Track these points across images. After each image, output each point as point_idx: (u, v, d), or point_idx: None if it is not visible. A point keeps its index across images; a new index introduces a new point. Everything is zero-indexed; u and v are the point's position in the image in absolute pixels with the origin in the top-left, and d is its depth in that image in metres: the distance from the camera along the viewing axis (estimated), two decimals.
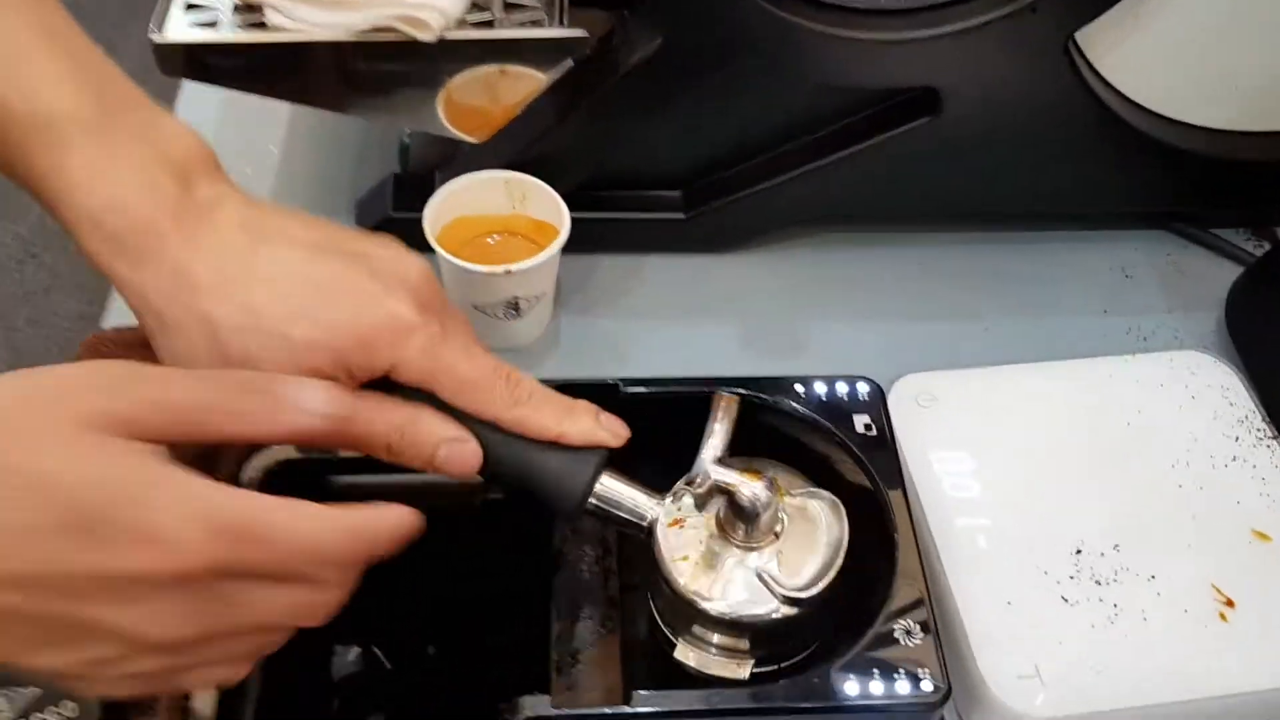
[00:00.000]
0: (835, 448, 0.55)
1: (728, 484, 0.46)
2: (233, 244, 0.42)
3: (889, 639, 0.47)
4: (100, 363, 0.37)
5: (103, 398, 0.36)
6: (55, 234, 1.78)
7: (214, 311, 0.41)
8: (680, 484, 0.49)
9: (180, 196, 0.42)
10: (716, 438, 0.48)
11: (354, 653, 0.79)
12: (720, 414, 0.49)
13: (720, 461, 0.47)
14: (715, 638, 0.49)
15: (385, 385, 0.44)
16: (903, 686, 0.46)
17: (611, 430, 0.47)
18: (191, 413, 0.38)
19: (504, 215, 0.66)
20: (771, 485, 0.46)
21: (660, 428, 0.56)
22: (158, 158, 0.42)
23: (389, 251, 0.45)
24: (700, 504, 0.48)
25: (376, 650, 0.78)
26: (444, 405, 0.44)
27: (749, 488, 0.46)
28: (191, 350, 0.42)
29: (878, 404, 0.55)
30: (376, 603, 0.67)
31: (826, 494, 0.49)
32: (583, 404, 0.47)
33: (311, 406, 0.40)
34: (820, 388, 0.56)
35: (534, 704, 0.45)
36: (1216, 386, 0.64)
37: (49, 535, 0.34)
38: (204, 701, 0.50)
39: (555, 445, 0.45)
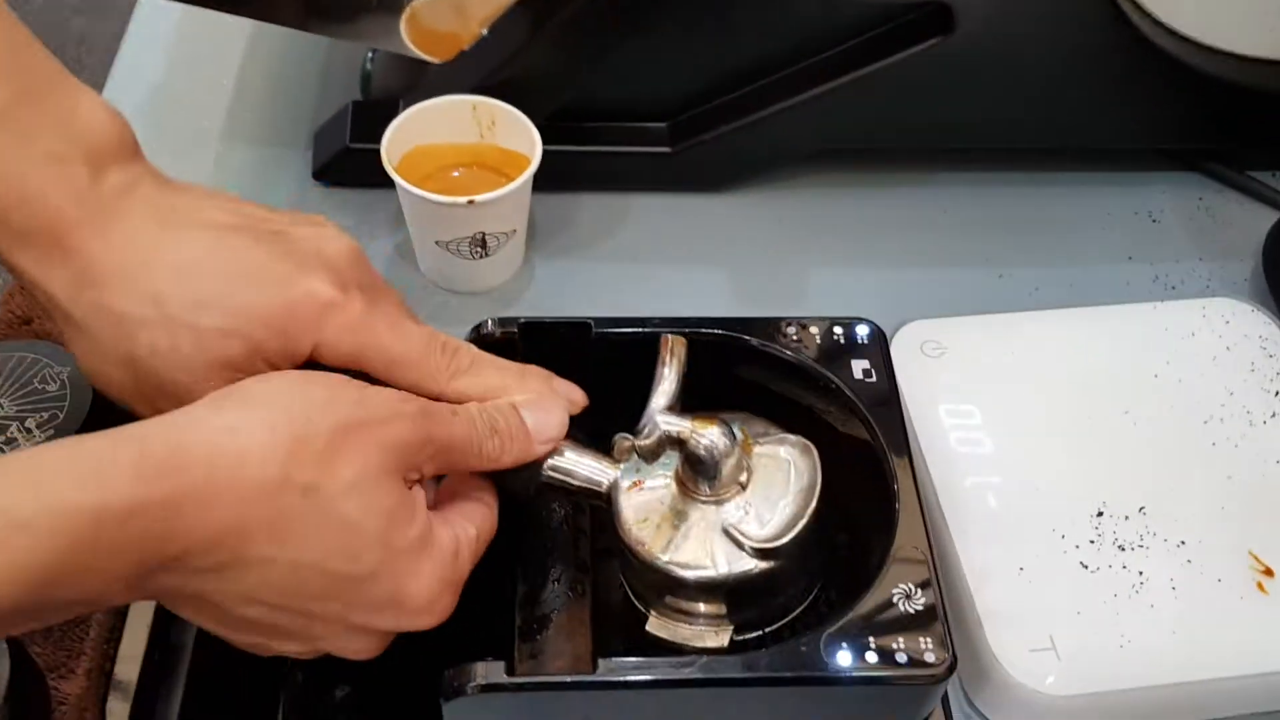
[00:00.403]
0: (830, 396, 0.49)
1: (679, 433, 0.41)
2: (140, 232, 0.40)
3: (887, 605, 0.42)
4: (393, 393, 0.39)
5: (404, 431, 0.37)
6: None
7: (117, 305, 0.39)
8: (623, 438, 0.43)
9: (90, 185, 0.39)
10: (666, 383, 0.44)
11: None
12: (668, 357, 0.44)
13: (670, 410, 0.42)
14: (687, 605, 0.43)
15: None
16: (902, 657, 0.40)
17: (568, 397, 0.43)
18: (460, 453, 0.40)
19: (471, 144, 0.60)
20: (729, 432, 0.41)
21: (637, 373, 0.50)
22: (71, 143, 0.40)
23: (312, 230, 0.42)
24: (649, 457, 0.43)
25: None
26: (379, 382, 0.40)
27: (704, 435, 0.41)
28: (98, 349, 0.40)
29: (878, 348, 0.50)
30: None
31: (795, 437, 0.44)
32: (534, 369, 0.43)
33: (553, 434, 0.42)
34: (815, 330, 0.50)
35: (487, 671, 0.40)
36: (1254, 337, 0.58)
37: (331, 579, 0.36)
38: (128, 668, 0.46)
39: None
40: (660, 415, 0.42)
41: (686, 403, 0.45)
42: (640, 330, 0.50)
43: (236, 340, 0.39)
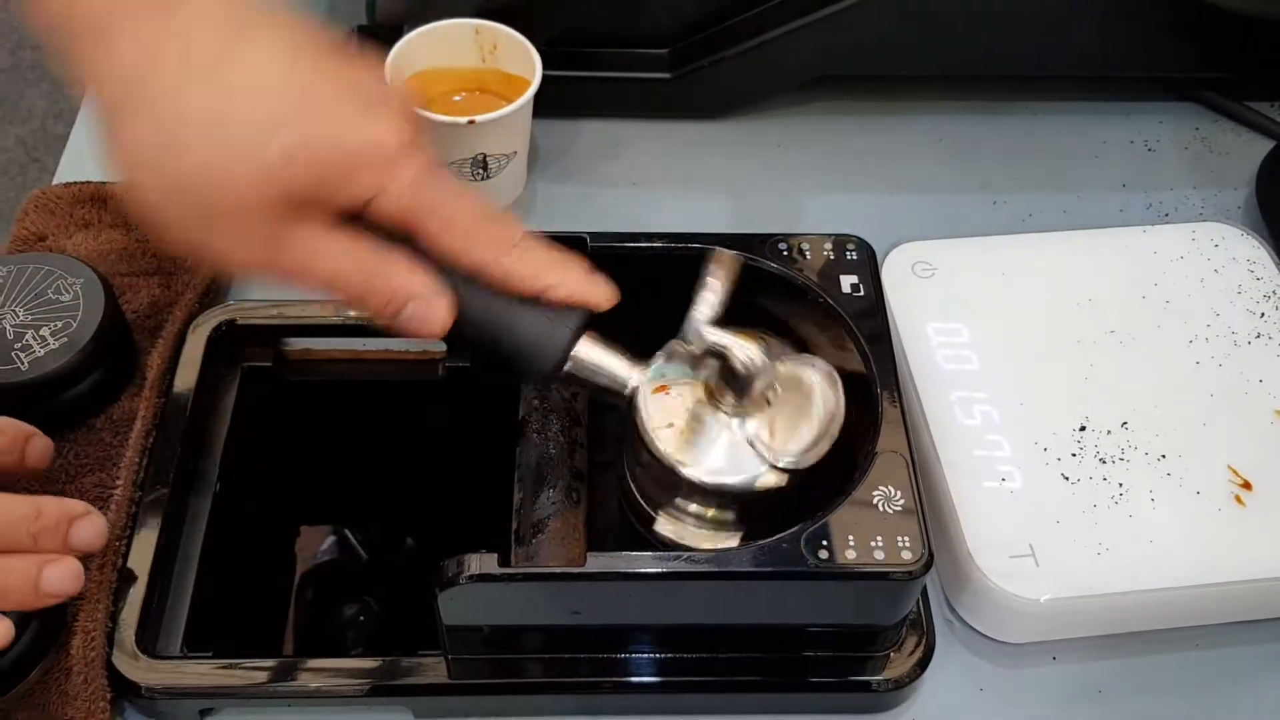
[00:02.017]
0: (818, 309, 0.50)
1: (722, 346, 0.43)
2: (208, 33, 0.37)
3: (867, 505, 0.43)
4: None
5: None
6: (57, 138, 1.76)
7: (177, 105, 0.36)
8: (670, 345, 0.45)
9: None
10: (712, 295, 0.45)
11: (329, 540, 0.76)
12: (717, 271, 0.45)
13: (713, 323, 0.44)
14: (696, 508, 0.45)
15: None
16: (880, 554, 0.42)
17: (603, 290, 0.43)
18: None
19: (473, 68, 0.61)
20: (767, 350, 0.43)
21: (629, 288, 0.52)
22: None
23: (373, 72, 0.40)
24: (693, 365, 0.44)
25: (349, 533, 0.75)
26: (420, 252, 0.40)
27: (744, 350, 0.42)
28: (141, 150, 0.37)
29: (867, 263, 0.51)
30: (340, 476, 0.64)
31: (822, 362, 0.45)
32: (576, 257, 0.42)
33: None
34: (805, 246, 0.51)
35: (481, 562, 0.41)
36: (1242, 260, 0.59)
37: None
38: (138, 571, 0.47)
39: (535, 303, 0.42)
40: (705, 327, 0.43)
41: (672, 312, 0.46)
42: (635, 245, 0.52)
43: (302, 170, 0.36)
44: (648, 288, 0.52)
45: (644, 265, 0.51)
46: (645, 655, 0.46)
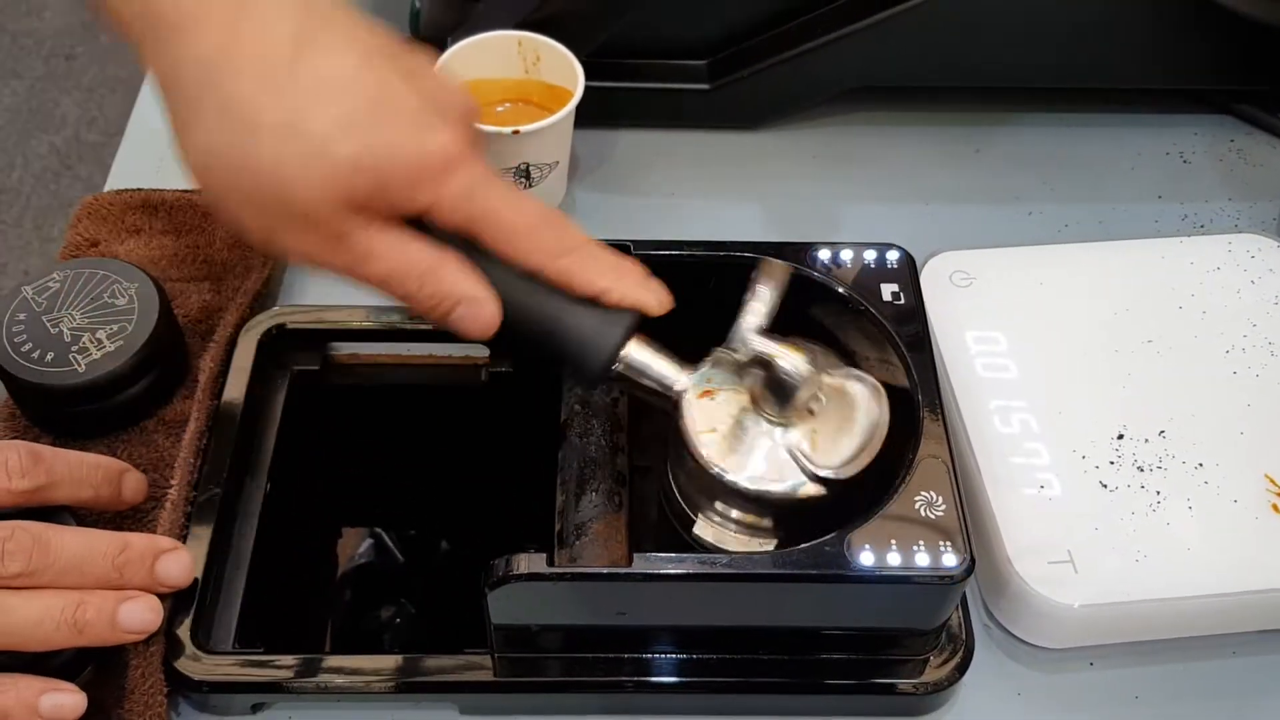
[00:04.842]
0: (859, 317, 0.51)
1: (768, 354, 0.43)
2: (279, 32, 0.37)
3: (909, 510, 0.44)
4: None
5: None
6: (90, 146, 1.78)
7: (248, 108, 0.37)
8: (717, 351, 0.46)
9: None
10: (760, 304, 0.45)
11: (366, 543, 0.77)
12: (767, 280, 0.46)
13: (761, 331, 0.45)
14: (737, 514, 0.46)
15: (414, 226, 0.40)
16: (923, 558, 0.42)
17: (657, 296, 0.43)
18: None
19: (516, 79, 0.62)
20: (814, 361, 0.43)
21: (673, 294, 0.52)
22: None
23: (436, 75, 0.41)
24: (738, 372, 0.45)
25: (386, 535, 0.76)
26: (476, 253, 0.41)
27: (789, 359, 0.43)
28: (213, 148, 0.38)
29: (907, 272, 0.51)
30: (382, 479, 0.65)
31: (869, 378, 0.46)
32: (632, 262, 0.43)
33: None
34: (846, 255, 0.52)
35: (530, 561, 0.42)
36: (1279, 271, 0.59)
37: None
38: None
39: (587, 304, 0.42)
40: (752, 334, 0.44)
41: (716, 320, 0.47)
42: (676, 254, 0.52)
43: (367, 177, 0.37)
44: (688, 296, 0.53)
45: (686, 273, 0.52)
46: (687, 656, 0.47)
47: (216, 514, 0.49)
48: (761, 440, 0.45)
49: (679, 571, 0.42)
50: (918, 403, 0.46)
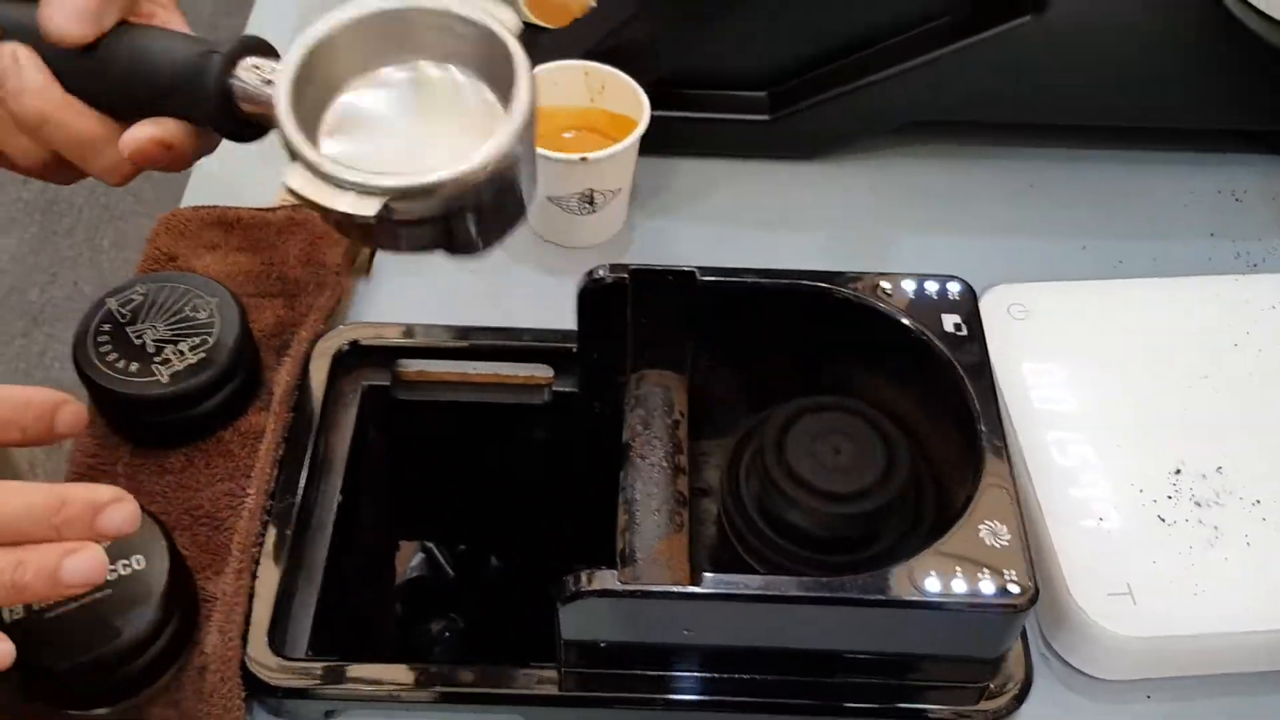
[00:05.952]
0: (920, 349, 0.52)
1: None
2: None
3: (973, 539, 0.45)
4: None
5: None
6: None
7: None
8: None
9: None
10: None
11: (417, 557, 0.78)
12: None
13: None
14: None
15: None
16: (987, 586, 0.43)
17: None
18: None
19: (582, 108, 0.64)
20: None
21: (733, 322, 0.54)
22: None
23: None
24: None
25: (436, 550, 0.77)
26: None
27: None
28: None
29: (969, 304, 0.52)
30: (441, 493, 0.67)
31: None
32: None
33: None
34: (907, 286, 0.53)
35: (603, 579, 0.43)
36: None
37: None
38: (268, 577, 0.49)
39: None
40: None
41: (776, 354, 0.47)
42: (740, 280, 0.54)
43: None
44: (750, 318, 0.54)
45: (749, 297, 0.53)
46: (751, 677, 0.48)
47: (293, 523, 0.50)
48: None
49: (746, 592, 0.43)
50: (980, 432, 0.47)
